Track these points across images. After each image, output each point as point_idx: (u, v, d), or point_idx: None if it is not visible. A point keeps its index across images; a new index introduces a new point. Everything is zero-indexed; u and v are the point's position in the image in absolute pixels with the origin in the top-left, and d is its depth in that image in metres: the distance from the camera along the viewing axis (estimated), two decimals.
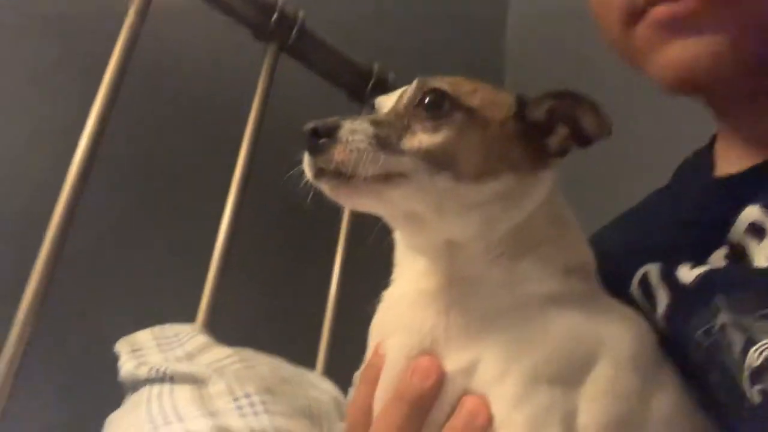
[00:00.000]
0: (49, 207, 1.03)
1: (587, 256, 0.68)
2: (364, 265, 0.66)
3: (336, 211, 1.46)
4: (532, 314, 0.61)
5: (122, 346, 1.01)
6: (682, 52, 0.66)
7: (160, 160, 1.38)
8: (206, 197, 1.33)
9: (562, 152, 0.65)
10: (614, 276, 0.73)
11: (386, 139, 0.58)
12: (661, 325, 0.68)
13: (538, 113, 0.64)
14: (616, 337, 0.62)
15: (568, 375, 0.58)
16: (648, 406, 0.60)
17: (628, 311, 0.67)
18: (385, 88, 1.54)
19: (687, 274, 0.67)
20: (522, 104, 0.65)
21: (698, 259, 0.68)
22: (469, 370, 0.58)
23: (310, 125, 0.58)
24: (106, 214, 1.27)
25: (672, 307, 0.67)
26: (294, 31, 1.37)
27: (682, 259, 0.68)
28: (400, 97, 0.64)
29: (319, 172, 0.59)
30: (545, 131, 0.65)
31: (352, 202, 0.63)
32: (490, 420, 0.56)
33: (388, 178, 0.58)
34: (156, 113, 1.37)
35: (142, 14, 1.17)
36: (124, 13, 1.16)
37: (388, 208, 0.62)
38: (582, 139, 0.65)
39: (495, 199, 0.61)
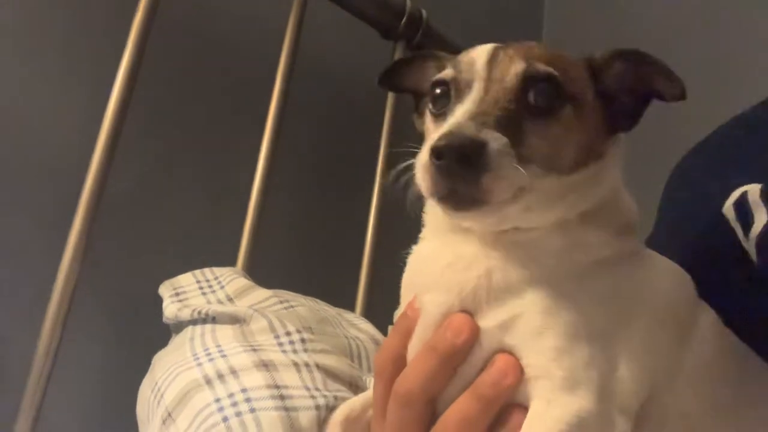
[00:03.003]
0: (87, 152, 1.05)
1: (634, 213, 0.66)
2: (401, 207, 0.64)
3: (371, 149, 1.45)
4: (575, 274, 0.59)
5: (165, 289, 1.03)
6: None
7: (193, 104, 1.38)
8: (242, 140, 1.33)
9: (634, 125, 0.62)
10: (707, 194, 0.70)
11: (514, 150, 0.52)
12: (750, 245, 0.65)
13: (608, 81, 0.60)
14: (655, 291, 0.61)
15: (607, 331, 0.57)
16: (684, 356, 0.59)
17: (667, 263, 0.65)
18: (418, 26, 1.51)
19: None
20: (593, 72, 0.61)
21: None
22: (507, 325, 0.57)
23: (456, 142, 0.50)
24: (144, 160, 1.28)
25: None
26: None
27: None
28: (491, 75, 0.57)
29: (450, 193, 0.53)
30: (613, 99, 0.61)
31: (468, 221, 0.59)
32: (518, 380, 0.55)
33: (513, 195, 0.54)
34: (189, 56, 1.36)
35: None
36: None
37: (490, 221, 0.58)
38: (648, 99, 0.61)
39: (575, 187, 0.58)
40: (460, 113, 0.54)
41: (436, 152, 0.51)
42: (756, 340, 0.65)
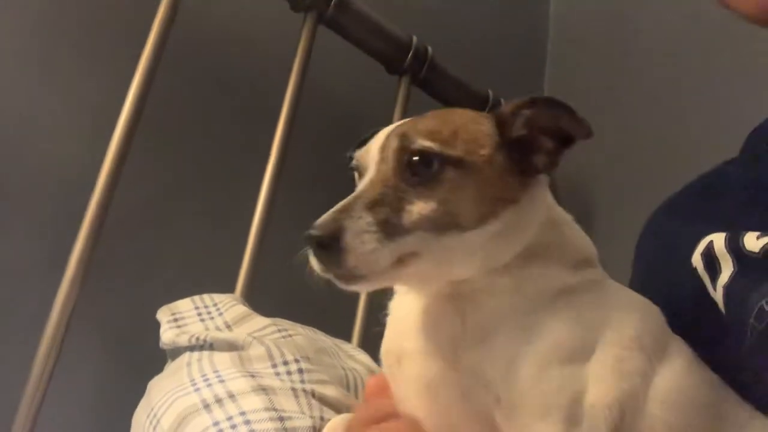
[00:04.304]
0: (91, 178, 1.05)
1: (590, 248, 0.69)
2: None
3: None
4: (543, 306, 0.62)
5: (163, 314, 1.02)
6: None
7: (199, 131, 1.40)
8: (246, 168, 1.34)
9: (552, 166, 0.64)
10: (677, 245, 0.72)
11: (388, 222, 0.57)
12: (718, 295, 0.67)
13: (518, 129, 0.63)
14: (622, 318, 0.63)
15: (577, 356, 0.59)
16: (652, 384, 0.60)
17: (634, 295, 0.67)
18: (423, 61, 1.53)
19: (753, 242, 0.65)
20: (501, 124, 0.64)
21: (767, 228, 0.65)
22: (482, 362, 0.60)
23: (314, 234, 0.57)
24: (144, 187, 1.29)
25: (736, 277, 0.65)
26: (332, 2, 1.36)
27: (751, 228, 0.66)
28: (382, 156, 0.62)
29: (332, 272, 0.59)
30: (529, 145, 0.64)
31: (366, 289, 0.64)
32: None
33: (400, 260, 0.58)
34: (196, 83, 1.38)
35: None
36: None
37: (401, 283, 0.64)
38: (566, 140, 0.64)
39: (497, 236, 0.61)
40: (344, 200, 0.60)
41: (307, 243, 0.58)
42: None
